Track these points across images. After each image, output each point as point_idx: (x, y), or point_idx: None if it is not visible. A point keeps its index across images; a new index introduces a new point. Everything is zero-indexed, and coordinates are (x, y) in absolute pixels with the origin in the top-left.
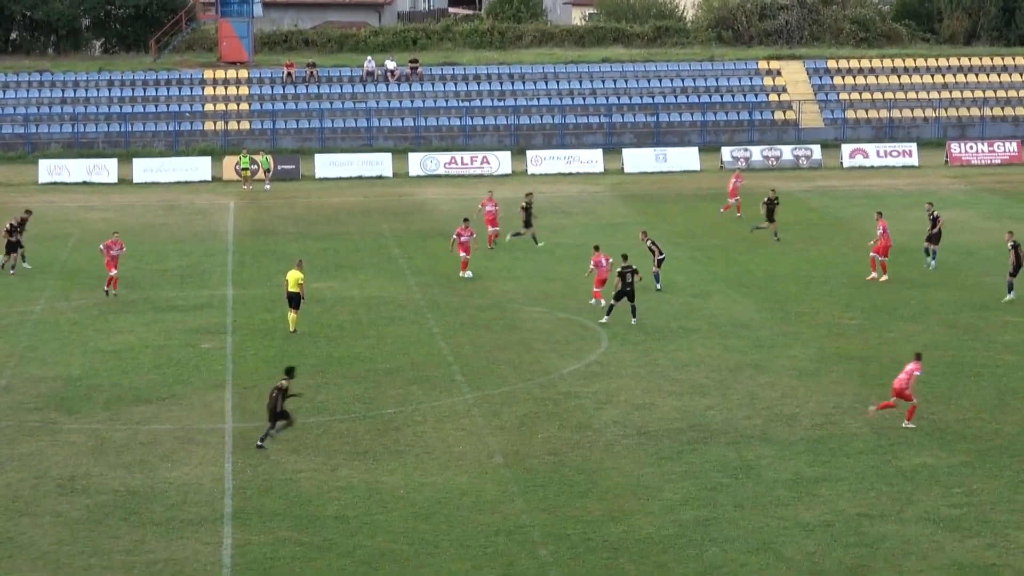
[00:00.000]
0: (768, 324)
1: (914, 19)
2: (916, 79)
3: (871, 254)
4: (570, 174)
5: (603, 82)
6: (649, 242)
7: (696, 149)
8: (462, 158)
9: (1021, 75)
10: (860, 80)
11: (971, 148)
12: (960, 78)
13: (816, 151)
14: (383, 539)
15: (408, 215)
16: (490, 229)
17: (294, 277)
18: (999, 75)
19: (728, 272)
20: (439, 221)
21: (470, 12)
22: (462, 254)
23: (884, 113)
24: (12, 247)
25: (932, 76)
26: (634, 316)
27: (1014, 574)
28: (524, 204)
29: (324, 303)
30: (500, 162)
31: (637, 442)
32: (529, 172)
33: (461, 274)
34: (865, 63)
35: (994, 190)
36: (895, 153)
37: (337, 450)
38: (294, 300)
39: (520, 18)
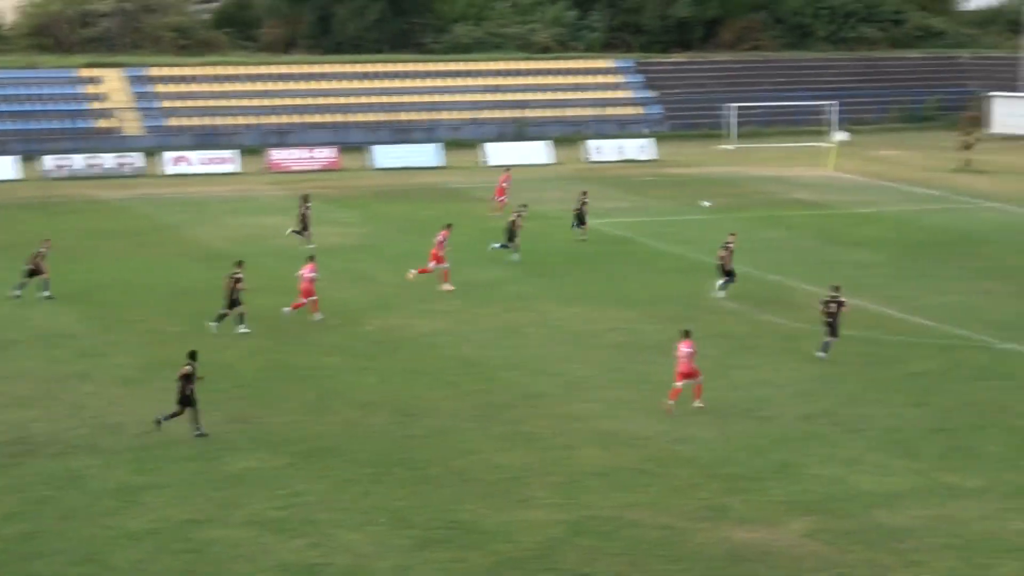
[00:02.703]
0: (93, 333)
1: (234, 26)
2: (237, 86)
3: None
4: None
5: None
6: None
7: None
8: None
9: (338, 82)
10: (182, 88)
11: (291, 154)
12: (280, 85)
13: (139, 159)
14: None
15: None
16: None
17: None
18: (317, 82)
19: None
20: None
21: None
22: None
23: (206, 120)
24: None
25: (252, 83)
26: None
27: (337, 571)
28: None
29: None
30: None
31: None
32: None
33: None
34: (187, 71)
35: (314, 195)
36: (217, 160)
37: None
38: None
39: None
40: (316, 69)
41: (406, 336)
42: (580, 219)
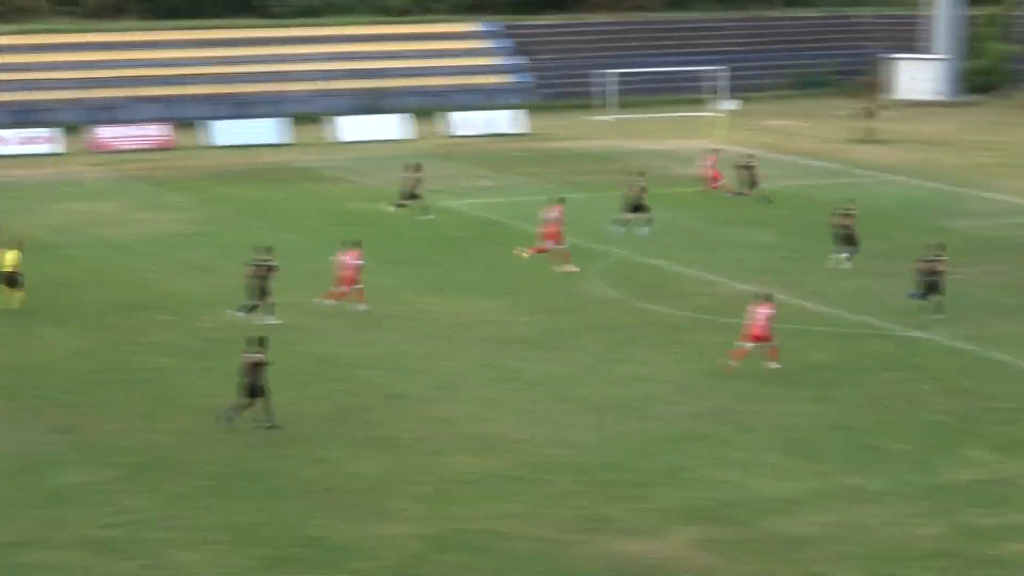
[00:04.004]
0: None
1: None
2: (58, 56)
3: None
4: None
5: None
6: None
7: None
8: None
9: (172, 51)
10: None
11: (119, 132)
12: (106, 55)
13: None
14: None
15: None
16: None
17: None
18: (148, 51)
19: None
20: None
21: None
22: None
23: (23, 95)
24: None
25: (75, 53)
26: None
27: None
28: None
29: None
30: None
31: None
32: None
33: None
34: (1, 39)
35: (144, 177)
36: (36, 139)
37: None
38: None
39: None
40: (147, 37)
41: (248, 333)
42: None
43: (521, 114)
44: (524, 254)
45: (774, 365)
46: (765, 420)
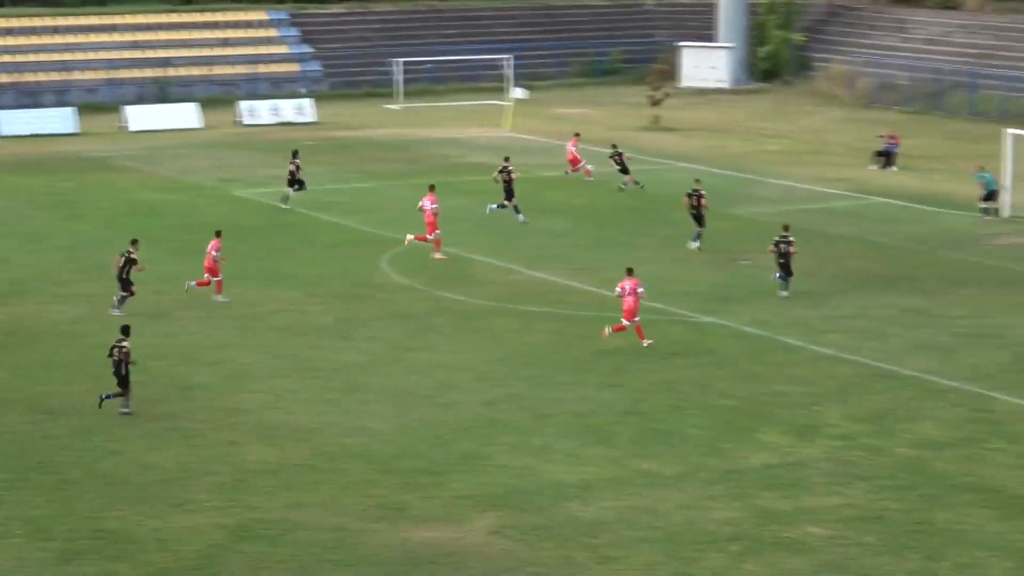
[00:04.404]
0: None
1: None
2: None
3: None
4: None
5: None
6: None
7: None
8: None
9: None
10: None
11: None
12: None
13: None
14: None
15: None
16: None
17: None
18: None
19: None
20: None
21: None
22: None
23: None
24: None
25: None
26: None
27: None
28: None
29: None
30: None
31: None
32: None
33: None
34: None
35: None
36: None
37: None
38: None
39: None
40: None
41: (42, 325)
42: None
43: (309, 103)
44: (407, 241)
45: (647, 343)
46: (560, 407)
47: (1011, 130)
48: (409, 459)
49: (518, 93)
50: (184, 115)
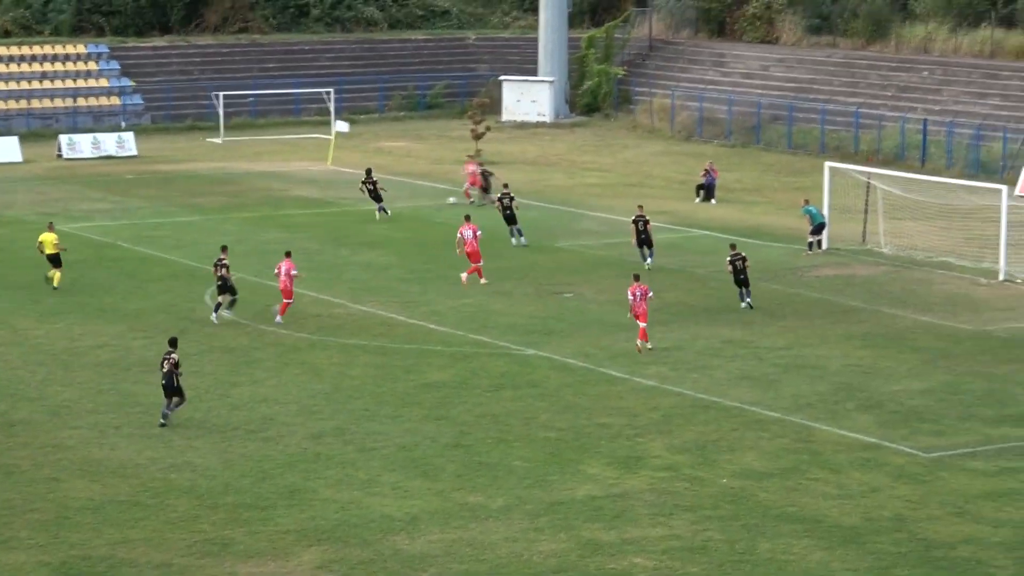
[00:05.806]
0: None
1: None
2: None
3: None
4: None
5: None
6: None
7: None
8: None
9: None
10: None
11: None
12: None
13: None
14: None
15: None
16: None
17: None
18: None
19: None
20: None
21: None
22: None
23: None
24: None
25: None
26: None
27: None
28: None
29: None
30: None
31: None
32: None
33: None
34: None
35: None
36: None
37: None
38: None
39: None
40: None
41: None
42: None
43: (130, 136)
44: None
45: (648, 346)
46: (385, 440)
47: (829, 163)
48: (234, 494)
49: (341, 126)
50: (4, 149)
